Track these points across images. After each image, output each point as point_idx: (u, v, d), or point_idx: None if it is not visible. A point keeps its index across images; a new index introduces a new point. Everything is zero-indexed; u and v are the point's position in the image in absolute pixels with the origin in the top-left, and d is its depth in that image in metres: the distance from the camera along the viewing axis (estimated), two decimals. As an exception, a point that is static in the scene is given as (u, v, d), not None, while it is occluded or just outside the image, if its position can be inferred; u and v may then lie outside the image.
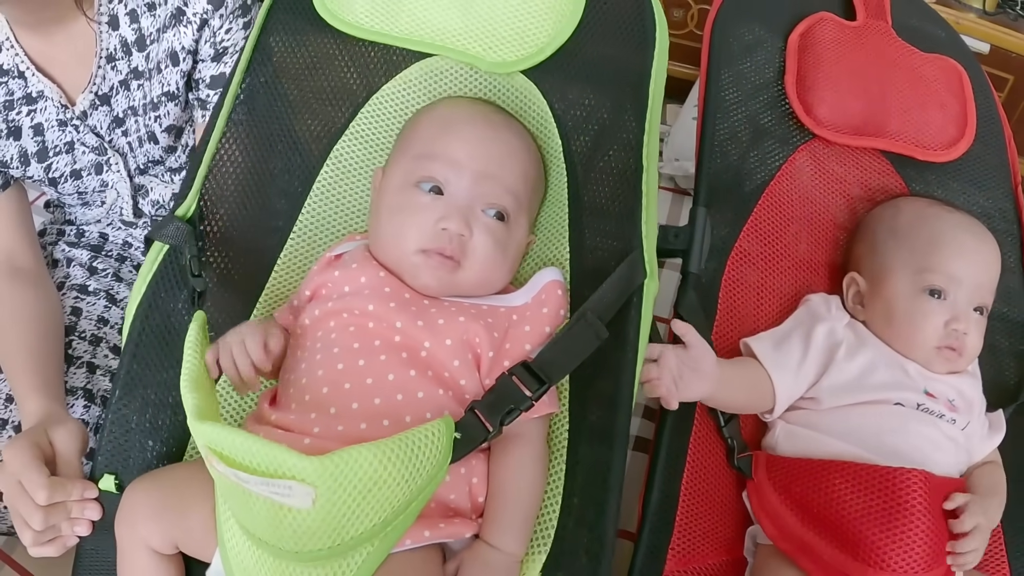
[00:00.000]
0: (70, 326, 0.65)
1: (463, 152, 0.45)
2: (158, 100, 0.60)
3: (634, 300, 0.42)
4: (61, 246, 0.72)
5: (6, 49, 0.58)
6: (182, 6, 0.56)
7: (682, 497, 0.46)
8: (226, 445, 0.34)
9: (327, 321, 0.44)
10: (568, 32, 0.50)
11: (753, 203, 0.55)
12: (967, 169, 0.61)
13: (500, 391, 0.40)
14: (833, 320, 0.52)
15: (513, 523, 0.41)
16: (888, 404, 0.49)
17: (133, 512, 0.42)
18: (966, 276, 0.52)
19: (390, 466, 0.35)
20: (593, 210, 0.48)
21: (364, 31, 0.52)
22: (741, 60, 0.58)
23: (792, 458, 0.48)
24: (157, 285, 0.47)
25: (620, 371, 0.41)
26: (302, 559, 0.36)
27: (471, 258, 0.45)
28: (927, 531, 0.44)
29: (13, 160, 0.62)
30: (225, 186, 0.50)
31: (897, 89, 0.60)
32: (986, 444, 0.53)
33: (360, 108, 0.53)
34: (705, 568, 0.47)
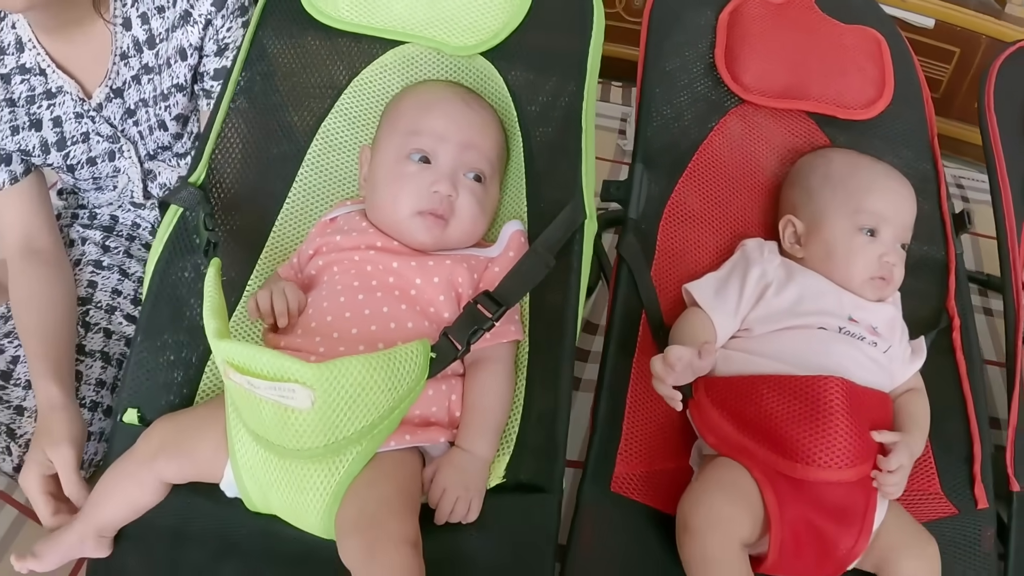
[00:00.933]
0: (87, 297, 0.75)
1: (446, 127, 0.55)
2: (168, 91, 0.70)
3: (577, 236, 0.53)
4: (76, 227, 0.82)
5: (28, 49, 0.67)
6: (189, 8, 0.66)
7: (628, 410, 0.56)
8: (241, 357, 0.44)
9: (331, 268, 0.54)
10: (519, 18, 0.60)
11: (687, 160, 0.65)
12: (886, 125, 0.71)
13: (467, 316, 0.50)
14: (765, 263, 0.62)
15: (484, 431, 0.51)
16: (812, 328, 0.58)
17: (153, 449, 0.49)
18: (893, 216, 0.62)
19: (376, 375, 0.44)
20: (543, 168, 0.58)
21: (345, 24, 0.62)
22: (677, 36, 0.68)
23: (728, 377, 0.57)
24: (172, 244, 0.56)
25: (567, 293, 0.52)
26: (302, 456, 0.46)
27: (458, 215, 0.54)
28: (847, 430, 0.52)
29: (35, 149, 0.72)
30: (229, 159, 0.60)
31: (818, 56, 0.70)
32: (908, 368, 0.62)
33: (343, 90, 0.63)
34: (652, 473, 0.56)
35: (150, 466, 0.49)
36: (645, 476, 0.55)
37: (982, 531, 0.60)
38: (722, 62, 0.67)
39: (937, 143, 0.73)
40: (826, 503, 0.52)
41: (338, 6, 0.62)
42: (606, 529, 0.53)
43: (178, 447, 0.49)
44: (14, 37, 0.67)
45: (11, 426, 0.66)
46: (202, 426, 0.50)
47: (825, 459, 0.52)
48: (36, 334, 0.66)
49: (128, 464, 0.51)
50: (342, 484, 0.46)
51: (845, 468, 0.52)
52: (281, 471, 0.46)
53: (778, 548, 0.51)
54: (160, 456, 0.49)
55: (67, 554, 0.52)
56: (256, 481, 0.48)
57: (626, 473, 0.55)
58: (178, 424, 0.51)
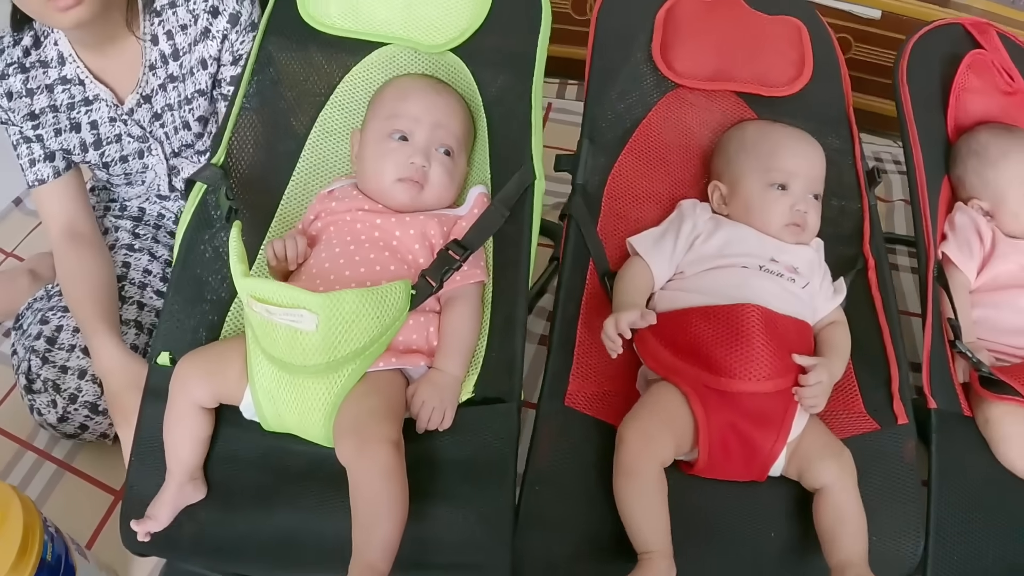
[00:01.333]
0: (122, 275, 0.88)
1: (420, 111, 0.68)
2: (191, 96, 0.83)
3: (528, 194, 0.65)
4: (109, 218, 0.96)
5: (69, 63, 0.81)
6: (208, 26, 0.79)
7: (578, 340, 0.67)
8: (263, 289, 0.56)
9: (328, 228, 0.66)
10: (481, 19, 0.73)
11: (629, 135, 0.77)
12: (806, 100, 0.82)
13: (439, 260, 0.62)
14: (697, 217, 0.73)
15: (456, 355, 0.62)
16: (736, 267, 0.69)
17: (187, 376, 0.61)
18: (800, 170, 0.73)
19: (367, 305, 0.56)
20: (502, 142, 0.71)
21: (336, 29, 0.76)
22: (620, 32, 0.80)
23: (666, 312, 0.68)
24: (198, 216, 0.69)
25: (521, 239, 0.64)
26: (307, 372, 0.58)
27: (431, 181, 0.67)
28: (763, 348, 0.63)
29: (75, 148, 0.85)
30: (244, 145, 0.73)
31: (744, 44, 0.82)
32: (830, 303, 0.73)
33: (336, 86, 0.76)
34: (602, 392, 0.68)
35: (185, 392, 0.60)
36: (595, 395, 0.67)
37: (903, 444, 0.69)
38: (658, 53, 0.80)
39: (852, 112, 0.84)
40: (747, 410, 0.62)
41: (330, 15, 0.75)
42: (560, 435, 0.64)
43: (207, 371, 0.61)
44: (56, 53, 0.80)
45: (56, 382, 0.79)
46: (225, 356, 0.62)
47: (744, 372, 0.62)
48: (87, 301, 0.78)
49: (173, 408, 0.61)
50: (339, 396, 0.58)
51: (763, 380, 0.63)
52: (291, 388, 0.58)
53: (707, 451, 0.62)
54: (192, 379, 0.60)
55: (175, 506, 0.60)
56: (271, 400, 0.59)
57: (577, 391, 0.66)
58: (205, 355, 0.63)
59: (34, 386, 0.80)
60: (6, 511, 0.55)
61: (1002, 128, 0.86)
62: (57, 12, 0.68)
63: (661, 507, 0.60)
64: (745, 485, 0.66)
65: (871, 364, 0.73)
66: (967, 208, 0.84)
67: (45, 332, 0.81)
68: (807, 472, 0.64)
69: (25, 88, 0.80)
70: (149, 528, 0.60)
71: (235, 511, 0.61)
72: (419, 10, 0.73)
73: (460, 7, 0.72)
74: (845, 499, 0.62)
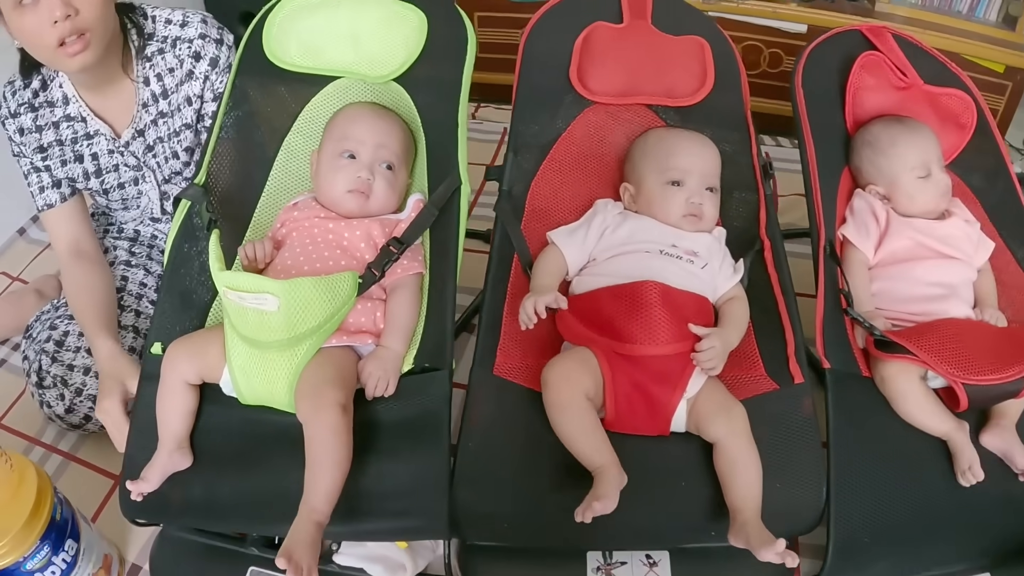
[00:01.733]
0: (120, 287, 1.02)
1: (365, 133, 0.81)
2: (179, 130, 0.97)
3: (455, 196, 0.79)
4: (108, 239, 1.10)
5: (72, 102, 0.95)
6: (192, 68, 0.93)
7: (504, 319, 0.80)
8: (235, 280, 0.69)
9: (291, 233, 0.80)
10: (417, 53, 0.87)
11: (550, 147, 0.91)
12: (709, 107, 0.95)
13: (382, 253, 0.76)
14: (608, 212, 0.86)
15: (398, 334, 0.75)
16: (640, 252, 0.81)
17: (176, 357, 0.74)
18: (692, 167, 0.85)
19: (320, 290, 0.70)
20: (437, 155, 0.84)
21: (297, 66, 0.90)
22: (543, 59, 0.94)
23: (581, 294, 0.81)
24: (185, 226, 0.82)
25: (448, 233, 0.78)
26: (273, 348, 0.70)
27: (375, 192, 0.80)
28: (660, 317, 0.75)
29: (79, 177, 0.99)
30: (222, 167, 0.87)
31: (652, 62, 0.95)
32: (729, 281, 0.84)
33: (298, 115, 0.90)
34: (526, 364, 0.79)
35: (174, 370, 0.73)
36: (520, 366, 0.79)
37: (801, 400, 0.78)
38: (575, 75, 0.93)
39: (750, 115, 0.96)
40: (648, 370, 0.74)
41: (291, 55, 0.90)
42: (490, 400, 0.76)
43: (192, 352, 0.74)
44: (61, 94, 0.94)
45: (64, 378, 0.92)
46: (207, 340, 0.75)
47: (644, 338, 0.74)
48: (90, 310, 0.91)
49: (164, 386, 0.74)
50: (299, 367, 0.70)
51: (662, 344, 0.74)
52: (261, 362, 0.71)
53: (613, 405, 0.74)
54: (179, 359, 0.73)
55: (164, 471, 0.72)
56: (245, 374, 0.72)
57: (504, 363, 0.78)
58: (190, 339, 0.76)
59: (44, 382, 0.92)
60: (22, 476, 0.68)
61: (893, 119, 0.95)
62: (66, 57, 0.81)
63: (596, 429, 0.70)
64: (656, 440, 0.76)
65: (770, 333, 0.83)
66: (864, 193, 0.93)
67: (54, 336, 0.95)
68: (703, 426, 0.74)
69: (35, 125, 0.94)
70: (142, 489, 0.71)
71: (217, 475, 0.73)
72: (365, 48, 0.87)
73: (399, 44, 0.87)
74: (737, 451, 0.72)
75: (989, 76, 1.54)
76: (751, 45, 1.59)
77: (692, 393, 0.75)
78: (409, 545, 0.77)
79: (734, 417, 0.74)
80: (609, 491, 0.66)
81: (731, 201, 0.92)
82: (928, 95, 0.99)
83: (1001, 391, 0.78)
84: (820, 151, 0.93)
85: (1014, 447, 0.78)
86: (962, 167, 0.99)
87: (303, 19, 0.89)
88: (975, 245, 0.92)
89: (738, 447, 0.72)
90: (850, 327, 0.85)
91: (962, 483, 0.77)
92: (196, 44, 0.92)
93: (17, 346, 1.10)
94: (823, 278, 0.86)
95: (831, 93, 0.98)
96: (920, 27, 1.53)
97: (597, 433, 0.70)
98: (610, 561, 0.77)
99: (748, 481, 0.71)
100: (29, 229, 1.40)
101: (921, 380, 0.80)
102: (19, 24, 0.79)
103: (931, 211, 0.92)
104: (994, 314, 0.87)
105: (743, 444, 0.73)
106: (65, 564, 0.71)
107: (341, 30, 0.87)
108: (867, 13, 1.59)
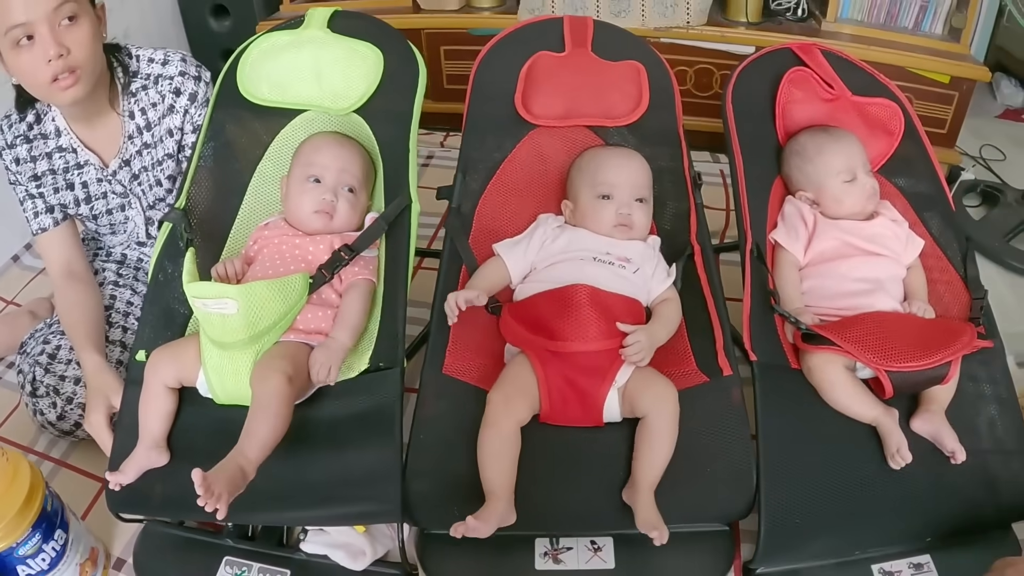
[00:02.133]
0: (109, 305, 1.11)
1: (328, 160, 0.92)
2: (161, 159, 1.08)
3: (405, 213, 0.90)
4: (97, 262, 1.20)
5: (64, 134, 1.05)
6: (172, 103, 1.04)
7: (453, 324, 0.88)
8: (200, 289, 0.79)
9: (262, 249, 0.90)
10: (374, 87, 0.98)
11: (496, 167, 1.01)
12: (645, 126, 1.05)
13: (333, 258, 0.86)
14: (548, 226, 0.96)
15: (345, 328, 0.84)
16: (574, 260, 0.91)
17: (157, 362, 0.83)
18: (621, 181, 0.94)
19: (273, 291, 0.79)
20: (392, 177, 0.94)
21: (268, 101, 1.01)
22: (492, 88, 1.05)
23: (522, 300, 0.90)
24: (167, 246, 0.92)
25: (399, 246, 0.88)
26: (237, 347, 0.79)
27: (339, 212, 0.90)
28: (589, 316, 0.83)
29: (70, 203, 1.09)
30: (200, 192, 0.97)
31: (591, 87, 1.05)
32: (662, 285, 0.92)
33: (269, 145, 1.01)
34: (474, 364, 0.88)
35: (156, 374, 0.82)
36: (468, 366, 0.88)
37: (730, 391, 0.85)
38: (519, 101, 1.04)
39: (682, 131, 1.06)
40: (579, 365, 0.83)
41: (262, 91, 1.01)
42: (439, 396, 0.85)
43: (171, 357, 0.83)
44: (54, 127, 1.05)
45: (56, 387, 1.01)
46: (184, 346, 0.84)
47: (574, 336, 0.83)
48: (80, 327, 1.01)
49: (147, 389, 0.83)
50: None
51: (590, 341, 0.83)
52: (228, 361, 0.80)
53: (547, 399, 0.82)
54: (160, 364, 0.82)
55: (140, 466, 0.80)
56: (218, 374, 0.81)
57: (453, 363, 0.87)
58: (170, 346, 0.86)
59: (37, 391, 1.01)
60: (17, 469, 0.77)
61: (819, 129, 1.03)
62: (59, 91, 0.91)
63: (510, 460, 0.78)
64: (592, 431, 0.84)
65: (701, 331, 0.92)
66: (794, 199, 1.01)
67: (47, 349, 1.04)
68: (634, 405, 0.81)
69: (30, 155, 1.04)
70: (119, 480, 0.80)
71: (193, 469, 0.81)
72: (328, 83, 0.98)
73: (359, 79, 0.98)
74: (657, 425, 0.79)
75: (936, 87, 1.63)
76: (703, 68, 1.69)
77: (622, 383, 0.83)
78: (368, 531, 0.85)
79: (660, 393, 0.81)
80: (491, 518, 0.74)
81: (666, 211, 1.01)
82: (856, 105, 1.07)
83: (925, 377, 0.84)
84: (752, 162, 1.02)
85: (942, 430, 0.84)
86: (892, 171, 1.07)
87: (272, 58, 1.00)
88: (903, 243, 0.98)
89: (659, 424, 0.79)
90: (780, 324, 0.92)
91: (892, 466, 0.82)
92: (176, 81, 1.03)
93: (11, 364, 1.19)
94: (749, 278, 0.94)
95: (763, 108, 1.07)
96: (866, 43, 1.61)
97: (508, 466, 0.77)
98: (557, 547, 0.84)
99: (656, 455, 0.78)
100: (23, 256, 1.51)
101: (847, 369, 0.86)
102: (16, 62, 0.89)
103: (858, 213, 0.99)
104: (922, 307, 0.93)
105: (664, 422, 0.79)
106: (55, 552, 0.79)
107: (306, 68, 0.98)
108: (814, 32, 1.68)
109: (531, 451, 0.81)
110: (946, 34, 1.64)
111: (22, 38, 0.86)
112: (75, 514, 0.86)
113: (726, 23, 1.66)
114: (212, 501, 0.67)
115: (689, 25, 1.63)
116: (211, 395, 0.83)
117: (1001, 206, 1.61)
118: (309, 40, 0.99)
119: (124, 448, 0.83)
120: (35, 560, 0.77)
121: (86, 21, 0.90)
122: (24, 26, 0.85)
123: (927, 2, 1.64)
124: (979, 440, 0.87)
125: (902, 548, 0.85)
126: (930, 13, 1.65)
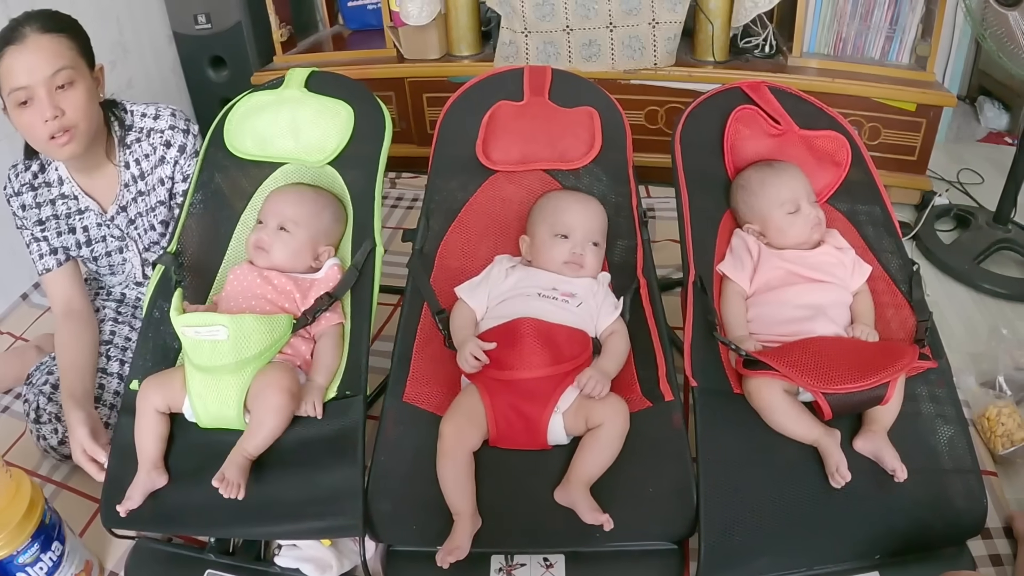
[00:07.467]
0: (109, 340, 1.29)
1: (269, 205, 1.10)
2: (155, 206, 1.26)
3: (371, 256, 1.07)
4: (98, 300, 1.38)
5: (66, 183, 1.24)
6: (164, 155, 1.23)
7: (414, 356, 1.04)
8: (191, 319, 0.95)
9: (235, 287, 1.07)
10: (346, 140, 1.16)
11: (458, 211, 1.18)
12: (598, 167, 1.21)
13: (316, 304, 1.02)
14: (502, 265, 1.12)
15: (321, 370, 1.01)
16: (522, 296, 1.06)
17: (148, 389, 1.00)
18: (576, 223, 1.10)
19: (260, 323, 0.96)
20: (360, 222, 1.12)
21: (251, 155, 1.19)
22: (455, 136, 1.21)
23: (480, 333, 1.05)
24: (159, 286, 1.10)
25: (365, 289, 1.05)
26: (223, 372, 0.95)
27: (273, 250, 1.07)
28: (532, 347, 0.97)
29: (72, 246, 1.28)
30: (190, 238, 1.15)
31: (547, 132, 1.22)
32: (609, 317, 1.06)
33: (252, 195, 1.19)
34: (433, 392, 1.03)
35: (147, 400, 0.98)
36: (427, 393, 1.03)
37: (672, 415, 0.96)
38: (480, 148, 1.21)
39: (632, 171, 1.21)
40: (523, 392, 0.96)
41: (246, 145, 1.19)
42: (400, 422, 1.00)
43: (160, 384, 1.00)
44: (57, 176, 1.24)
45: (58, 414, 1.19)
46: (172, 375, 1.01)
47: (518, 365, 0.97)
48: (70, 371, 1.17)
49: (140, 415, 0.99)
50: (245, 387, 0.96)
51: (533, 369, 0.96)
52: (213, 385, 0.96)
53: (494, 424, 0.96)
54: (150, 391, 0.99)
55: (144, 490, 0.93)
56: (201, 399, 0.97)
57: (413, 391, 1.02)
58: (159, 375, 1.02)
59: (41, 419, 1.19)
60: (19, 483, 0.93)
61: (764, 164, 1.15)
62: (56, 148, 1.09)
63: (467, 481, 0.91)
64: (539, 453, 0.97)
65: (645, 359, 1.05)
66: (741, 232, 1.13)
67: (51, 380, 1.22)
68: (589, 417, 0.92)
69: (35, 202, 1.23)
70: (127, 506, 0.95)
71: (178, 488, 0.97)
72: (305, 138, 1.17)
73: (332, 133, 1.16)
74: (606, 432, 0.90)
75: (903, 115, 1.76)
76: (673, 107, 1.84)
77: (564, 407, 0.96)
78: (335, 546, 0.99)
79: (615, 406, 0.93)
80: (463, 541, 0.87)
81: (616, 245, 1.16)
82: (804, 139, 1.18)
83: (863, 398, 0.92)
84: (701, 197, 1.15)
85: (883, 449, 0.92)
86: (840, 200, 1.19)
87: (254, 116, 1.19)
88: (849, 270, 1.09)
89: (609, 431, 0.90)
90: (724, 351, 1.03)
91: (833, 484, 0.89)
92: (167, 134, 1.21)
93: (19, 395, 1.37)
94: (692, 308, 1.06)
95: (713, 145, 1.19)
96: (832, 76, 1.74)
97: (467, 487, 0.90)
98: (511, 563, 0.95)
99: (598, 456, 0.89)
100: (31, 294, 1.71)
101: (786, 392, 0.95)
102: (19, 120, 1.08)
103: (803, 242, 1.09)
104: (865, 330, 1.02)
105: (614, 431, 0.90)
106: (51, 562, 0.94)
107: (284, 125, 1.17)
108: (781, 68, 1.81)
109: (484, 473, 0.94)
110: (912, 63, 1.78)
111: (24, 99, 1.04)
112: (72, 530, 1.02)
113: (694, 63, 1.82)
114: (231, 489, 0.88)
115: (656, 67, 1.80)
116: (195, 419, 0.98)
117: (972, 228, 1.72)
118: (288, 99, 1.17)
119: (119, 471, 0.99)
120: (33, 568, 0.93)
121: (81, 86, 1.08)
122: (25, 89, 1.04)
123: (892, 33, 1.79)
124: (927, 459, 0.94)
125: (850, 565, 0.90)
126: (896, 43, 1.79)
